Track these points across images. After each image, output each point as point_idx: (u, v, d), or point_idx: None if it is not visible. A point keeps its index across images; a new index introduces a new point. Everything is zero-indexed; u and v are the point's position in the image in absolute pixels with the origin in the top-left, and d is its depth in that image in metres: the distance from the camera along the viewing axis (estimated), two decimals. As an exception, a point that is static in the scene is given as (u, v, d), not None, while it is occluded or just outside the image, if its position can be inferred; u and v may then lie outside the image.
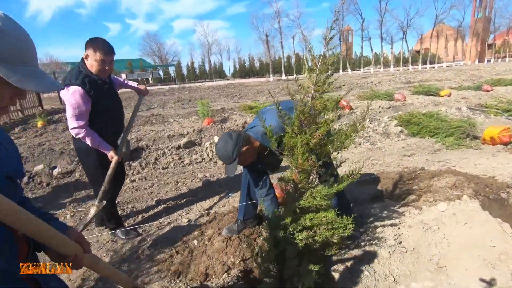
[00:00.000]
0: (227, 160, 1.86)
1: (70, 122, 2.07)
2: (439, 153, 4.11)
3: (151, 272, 2.02)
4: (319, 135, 1.45)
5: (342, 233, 1.57)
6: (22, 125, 8.58)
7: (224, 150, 1.85)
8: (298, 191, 1.60)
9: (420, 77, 18.84)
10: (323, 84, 1.48)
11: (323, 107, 1.48)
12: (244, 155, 1.90)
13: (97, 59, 2.05)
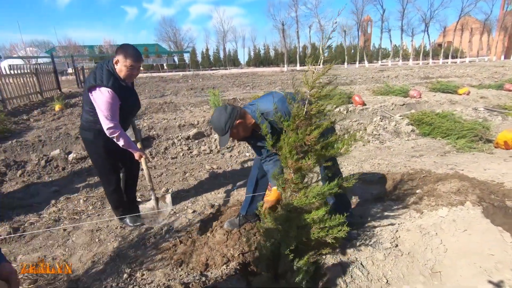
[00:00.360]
0: (220, 131, 1.93)
1: (105, 122, 2.15)
2: (448, 155, 4.05)
3: (156, 259, 2.15)
4: (312, 138, 1.50)
5: (336, 234, 1.62)
6: (41, 108, 8.89)
7: (218, 121, 1.91)
8: (293, 190, 1.66)
9: (439, 73, 18.21)
10: (320, 90, 1.51)
11: (317, 112, 1.52)
12: (237, 129, 1.95)
13: (127, 65, 2.15)
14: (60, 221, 2.76)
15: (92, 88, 2.13)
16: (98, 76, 2.13)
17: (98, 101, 2.12)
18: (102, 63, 2.24)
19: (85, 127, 2.34)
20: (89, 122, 2.29)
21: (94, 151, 2.41)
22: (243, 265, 2.04)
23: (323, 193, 1.63)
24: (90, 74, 2.21)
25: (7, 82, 9.27)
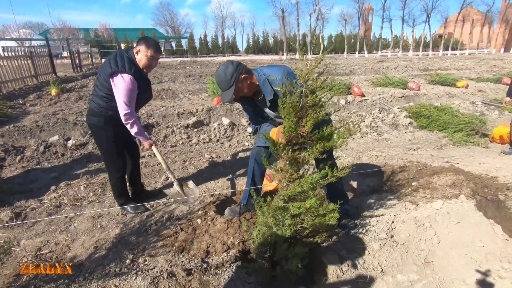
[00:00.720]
0: (225, 84, 1.92)
1: (123, 107, 2.21)
2: (445, 148, 4.12)
3: (157, 246, 2.20)
4: (307, 129, 1.54)
5: (328, 221, 1.68)
6: (37, 92, 8.78)
7: (224, 73, 1.91)
8: (288, 181, 1.70)
9: (438, 65, 18.17)
10: (314, 82, 1.54)
11: (313, 104, 1.57)
12: (242, 83, 1.94)
13: (147, 55, 2.24)
14: (61, 207, 2.79)
15: (114, 73, 2.18)
16: (120, 63, 2.18)
17: (119, 87, 2.17)
18: (121, 51, 2.29)
19: (95, 113, 2.35)
20: (101, 107, 2.31)
21: (103, 137, 2.42)
22: (243, 252, 2.10)
23: (317, 182, 1.67)
24: (108, 61, 2.24)
25: (1, 64, 9.11)
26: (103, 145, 2.48)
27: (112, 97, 2.26)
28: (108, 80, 2.20)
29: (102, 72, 2.28)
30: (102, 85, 2.28)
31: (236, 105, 6.19)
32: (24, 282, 1.86)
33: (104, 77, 2.24)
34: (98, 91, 2.32)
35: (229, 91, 1.93)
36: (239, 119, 5.41)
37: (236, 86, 1.92)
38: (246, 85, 1.98)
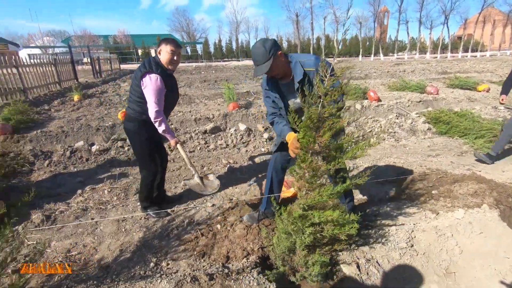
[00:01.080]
0: (262, 57, 1.90)
1: (153, 106, 2.36)
2: (466, 155, 4.03)
3: (179, 250, 2.27)
4: (325, 140, 1.57)
5: (348, 231, 1.70)
6: (61, 98, 9.17)
7: (262, 46, 1.90)
8: (307, 189, 1.74)
9: (458, 67, 17.68)
10: (332, 93, 1.58)
11: (330, 114, 1.60)
12: (278, 59, 1.94)
13: (168, 50, 2.39)
14: (88, 211, 2.92)
15: (143, 75, 2.34)
16: (147, 65, 2.37)
17: (148, 86, 2.33)
18: (149, 58, 2.46)
19: (131, 118, 2.51)
20: (136, 112, 2.47)
21: (137, 141, 2.57)
22: (262, 258, 2.15)
23: (338, 193, 1.70)
24: (139, 67, 2.43)
25: (27, 71, 9.58)
26: (138, 149, 2.62)
27: (145, 101, 2.40)
28: (139, 84, 2.37)
29: (135, 77, 2.44)
30: (135, 90, 2.44)
31: (252, 110, 6.27)
32: (56, 282, 1.97)
33: (136, 82, 2.41)
34: (132, 96, 2.49)
35: (265, 65, 1.91)
36: (255, 125, 5.47)
37: (273, 59, 1.91)
38: (281, 63, 1.97)
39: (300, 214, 1.71)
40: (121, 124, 5.49)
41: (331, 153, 1.66)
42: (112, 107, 7.81)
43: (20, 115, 6.09)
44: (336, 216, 1.60)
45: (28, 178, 3.63)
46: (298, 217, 1.73)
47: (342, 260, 2.06)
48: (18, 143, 4.61)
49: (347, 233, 1.67)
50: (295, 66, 2.01)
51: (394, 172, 3.54)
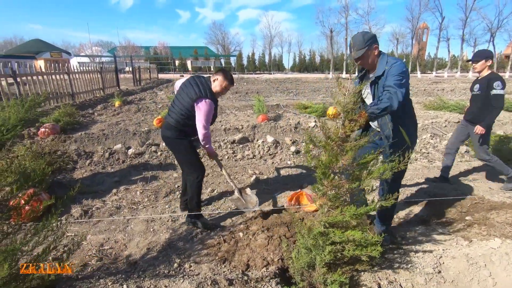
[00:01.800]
0: (360, 44, 2.10)
1: (203, 128, 2.52)
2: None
3: (202, 254, 2.35)
4: (347, 159, 1.57)
5: (370, 253, 1.67)
6: (103, 103, 9.89)
7: (362, 35, 2.12)
8: (330, 207, 1.74)
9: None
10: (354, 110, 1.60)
11: (351, 131, 1.62)
12: (371, 51, 2.13)
13: (223, 85, 2.60)
14: (121, 209, 3.13)
15: (199, 98, 2.49)
16: (202, 89, 2.52)
17: (202, 110, 2.48)
18: (200, 78, 2.62)
19: (171, 127, 2.62)
20: (178, 123, 2.58)
21: (181, 146, 2.67)
22: (282, 270, 2.16)
23: (360, 214, 1.68)
24: (190, 85, 2.56)
25: (76, 77, 10.50)
26: (183, 154, 2.72)
27: (189, 117, 2.55)
28: (192, 103, 2.50)
29: (185, 94, 2.55)
30: (183, 105, 2.55)
31: (281, 123, 6.34)
32: (89, 272, 2.13)
33: (188, 100, 2.52)
34: (177, 109, 2.58)
35: (360, 51, 2.10)
36: (283, 138, 5.53)
37: (368, 49, 2.10)
38: (372, 55, 2.16)
39: (321, 232, 1.72)
40: (156, 130, 5.82)
41: (354, 172, 1.66)
42: (148, 113, 8.29)
43: (68, 118, 6.68)
44: (358, 236, 1.59)
45: (71, 175, 3.96)
46: (318, 234, 1.74)
47: (363, 281, 2.01)
48: (64, 142, 5.05)
49: (369, 254, 1.65)
50: (381, 61, 2.16)
51: (425, 194, 3.39)
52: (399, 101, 1.91)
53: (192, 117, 2.56)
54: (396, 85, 1.96)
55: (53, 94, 9.02)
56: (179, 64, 42.00)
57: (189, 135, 2.67)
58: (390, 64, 2.09)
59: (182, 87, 2.64)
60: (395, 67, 2.05)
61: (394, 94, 1.93)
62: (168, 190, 3.54)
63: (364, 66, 2.29)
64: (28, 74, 8.43)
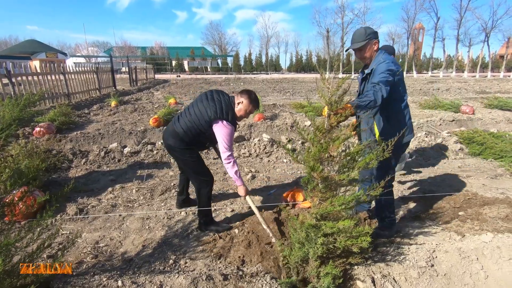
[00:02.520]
0: (360, 37, 2.20)
1: (226, 151, 2.37)
2: (500, 179, 3.80)
3: (197, 250, 2.36)
4: (335, 148, 1.60)
5: (361, 244, 1.69)
6: (99, 103, 9.85)
7: (364, 30, 2.22)
8: (320, 199, 1.76)
9: (498, 87, 16.72)
10: (338, 103, 1.66)
11: (337, 123, 1.70)
12: (370, 46, 2.22)
13: (247, 110, 2.45)
14: (116, 207, 3.12)
15: (218, 120, 2.34)
16: (224, 110, 2.35)
17: (221, 132, 2.34)
18: (226, 97, 2.46)
19: (176, 135, 2.44)
20: (188, 136, 2.42)
21: (188, 155, 2.50)
22: (277, 265, 2.17)
23: (348, 203, 1.70)
24: (215, 102, 2.38)
25: (72, 78, 10.44)
26: (189, 166, 2.55)
27: (200, 133, 2.42)
28: (209, 121, 2.35)
29: (204, 108, 2.38)
30: (198, 119, 2.38)
31: (277, 122, 6.36)
32: (85, 270, 2.13)
33: (205, 116, 2.36)
34: (190, 120, 2.41)
35: (359, 44, 2.20)
36: (279, 136, 5.54)
37: (367, 43, 2.20)
38: (372, 50, 2.25)
39: (313, 224, 1.74)
40: (152, 129, 5.81)
41: (342, 162, 1.69)
42: (144, 113, 8.27)
43: (63, 117, 6.65)
44: (347, 225, 1.61)
45: (66, 174, 3.94)
46: (310, 227, 1.76)
47: (356, 275, 2.03)
48: (60, 142, 5.03)
49: (360, 245, 1.67)
50: (376, 59, 2.23)
51: (419, 190, 3.43)
52: (383, 96, 1.99)
53: (202, 135, 2.44)
54: (381, 82, 2.03)
55: (48, 94, 8.96)
56: (176, 64, 41.91)
57: (196, 147, 2.54)
58: (379, 63, 2.16)
59: (202, 98, 2.47)
60: (382, 65, 2.13)
61: (379, 90, 2.00)
62: (164, 188, 3.54)
63: (362, 60, 2.35)
64: (23, 74, 8.37)
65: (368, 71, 2.25)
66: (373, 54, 2.27)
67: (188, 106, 2.55)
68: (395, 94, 2.23)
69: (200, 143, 2.56)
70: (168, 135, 2.52)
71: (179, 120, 2.50)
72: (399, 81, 2.26)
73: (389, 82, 2.06)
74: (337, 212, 1.70)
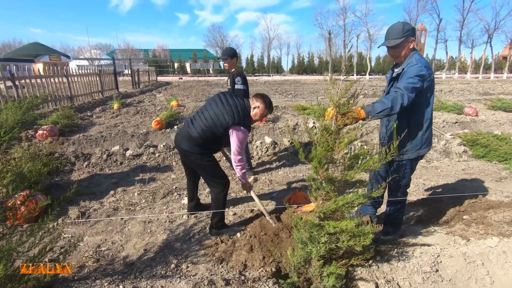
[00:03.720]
0: (397, 34, 2.05)
1: (237, 153, 2.42)
2: (505, 181, 3.76)
3: (199, 254, 2.35)
4: (340, 150, 1.60)
5: (364, 242, 1.68)
6: (102, 106, 9.88)
7: (402, 24, 2.06)
8: (324, 199, 1.75)
9: (502, 89, 16.62)
10: (345, 105, 1.67)
11: (344, 125, 1.72)
12: (407, 43, 2.08)
13: (263, 113, 2.49)
14: (118, 210, 3.12)
15: (235, 125, 2.34)
16: (242, 116, 2.36)
17: (237, 137, 2.37)
18: (242, 101, 2.44)
19: (191, 139, 2.41)
20: (203, 140, 2.40)
21: (204, 159, 2.47)
22: (279, 269, 2.15)
23: (352, 201, 1.69)
24: (231, 107, 2.36)
25: (75, 80, 10.49)
26: (208, 167, 2.51)
27: (216, 138, 2.41)
28: (226, 126, 2.34)
29: (221, 113, 2.35)
30: (215, 124, 2.36)
31: (279, 124, 6.34)
32: (86, 274, 2.12)
33: (223, 121, 2.34)
34: (208, 126, 2.37)
35: (395, 41, 2.06)
36: (280, 138, 5.53)
37: (404, 40, 2.05)
38: (408, 48, 2.10)
39: (316, 223, 1.73)
40: (154, 132, 5.81)
41: (347, 163, 1.69)
42: (147, 115, 8.27)
43: (66, 120, 6.66)
44: (350, 225, 1.60)
45: (68, 177, 3.95)
46: (313, 226, 1.75)
47: (360, 280, 2.01)
48: (62, 144, 5.04)
49: (362, 243, 1.66)
50: (409, 59, 2.10)
51: (423, 193, 3.40)
52: (403, 104, 1.86)
53: (219, 139, 2.44)
54: (405, 88, 1.90)
55: (51, 97, 9.00)
56: (178, 66, 42.08)
57: (212, 151, 2.54)
58: (410, 65, 2.03)
59: (216, 102, 2.44)
60: (413, 68, 1.99)
61: (400, 97, 1.88)
62: (166, 191, 3.54)
63: (395, 59, 2.20)
64: (26, 77, 8.42)
65: (399, 71, 2.10)
66: (408, 54, 2.12)
67: (202, 109, 2.50)
68: (421, 101, 2.09)
69: (216, 146, 2.55)
70: (182, 139, 2.46)
71: (193, 123, 2.44)
72: (429, 87, 2.10)
73: (416, 89, 1.93)
74: (340, 212, 1.70)
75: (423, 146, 2.23)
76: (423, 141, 2.23)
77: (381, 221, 2.68)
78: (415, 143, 2.21)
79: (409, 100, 1.90)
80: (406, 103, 1.88)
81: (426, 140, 2.23)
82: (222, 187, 2.55)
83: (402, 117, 2.19)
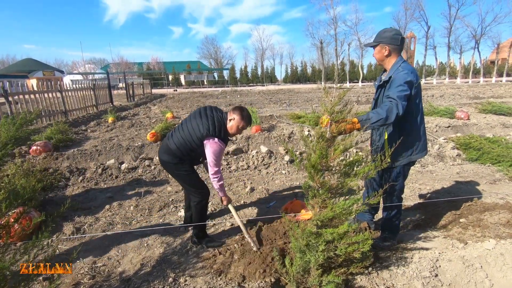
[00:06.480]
0: (376, 36, 2.18)
1: (214, 166, 2.40)
2: (499, 183, 3.80)
3: (197, 267, 2.31)
4: (335, 157, 1.61)
5: (362, 248, 1.67)
6: (96, 120, 9.85)
7: (390, 30, 2.15)
8: (321, 206, 1.75)
9: (491, 92, 16.96)
10: (339, 113, 1.71)
11: (339, 133, 1.75)
12: (380, 48, 2.18)
13: (239, 126, 2.45)
14: (114, 225, 3.07)
15: (209, 137, 2.36)
16: (217, 128, 2.37)
17: (212, 149, 2.35)
18: (219, 113, 2.46)
19: (169, 151, 2.45)
20: (181, 152, 2.43)
21: (181, 170, 2.50)
22: (278, 279, 2.13)
23: (348, 208, 1.70)
24: (207, 119, 2.39)
25: (69, 95, 10.48)
26: (186, 179, 2.54)
27: (193, 149, 2.43)
28: (201, 138, 2.36)
29: (196, 125, 2.39)
30: (190, 135, 2.40)
31: (274, 134, 6.37)
32: (81, 291, 2.08)
33: (197, 133, 2.37)
34: (183, 136, 2.42)
35: (371, 43, 2.21)
36: (276, 148, 5.54)
37: (377, 45, 2.17)
38: (381, 54, 2.19)
39: (314, 232, 1.72)
40: (149, 144, 5.79)
41: (342, 170, 1.70)
42: (142, 128, 8.27)
43: (60, 135, 6.63)
44: (342, 230, 1.61)
45: (63, 192, 3.90)
46: (311, 234, 1.74)
47: (359, 284, 1.99)
48: (56, 160, 4.99)
49: (361, 250, 1.65)
50: (393, 66, 2.15)
51: (419, 198, 3.41)
52: (398, 114, 1.89)
53: (195, 151, 2.45)
54: (398, 97, 1.93)
55: (45, 112, 8.96)
56: (173, 78, 42.29)
57: (190, 162, 2.54)
58: (397, 72, 2.06)
59: (195, 115, 2.48)
60: (400, 74, 2.02)
61: (394, 106, 1.90)
62: (162, 204, 3.50)
63: (378, 61, 2.31)
64: (20, 93, 8.39)
65: (386, 79, 2.14)
66: (383, 60, 2.20)
67: (182, 122, 2.56)
68: (411, 107, 2.11)
69: (193, 158, 2.56)
70: (162, 151, 2.53)
71: (172, 136, 2.51)
72: (417, 94, 2.13)
73: (406, 97, 1.96)
74: (338, 219, 1.70)
75: (415, 152, 2.25)
76: (414, 147, 2.24)
77: (379, 227, 2.67)
78: (407, 149, 2.23)
79: (403, 109, 1.92)
80: (401, 112, 1.90)
81: (418, 146, 2.25)
82: (200, 197, 2.56)
83: (393, 124, 2.20)
